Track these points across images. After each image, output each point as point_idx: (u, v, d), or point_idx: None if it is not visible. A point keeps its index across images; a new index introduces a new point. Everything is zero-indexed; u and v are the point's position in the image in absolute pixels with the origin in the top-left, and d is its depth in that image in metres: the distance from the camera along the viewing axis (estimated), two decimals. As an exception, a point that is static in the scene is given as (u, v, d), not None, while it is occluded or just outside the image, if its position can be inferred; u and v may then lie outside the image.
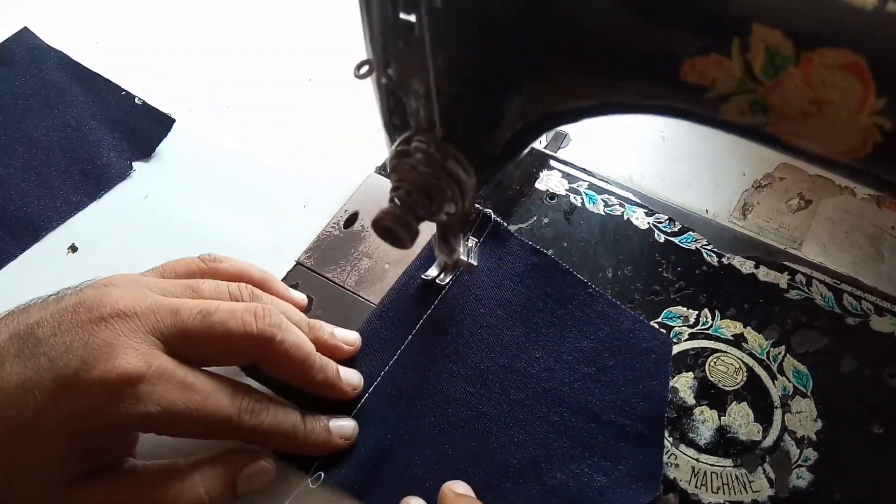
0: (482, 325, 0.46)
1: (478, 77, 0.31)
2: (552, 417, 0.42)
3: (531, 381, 0.44)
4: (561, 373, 0.44)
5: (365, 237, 0.52)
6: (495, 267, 0.48)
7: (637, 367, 0.44)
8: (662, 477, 0.40)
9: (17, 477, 0.34)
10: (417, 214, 0.34)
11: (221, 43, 0.66)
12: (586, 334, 0.45)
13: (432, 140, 0.33)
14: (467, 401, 0.43)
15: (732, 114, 0.27)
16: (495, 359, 0.45)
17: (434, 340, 0.46)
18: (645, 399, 0.43)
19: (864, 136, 0.24)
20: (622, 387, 0.43)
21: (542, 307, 0.47)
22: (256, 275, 0.44)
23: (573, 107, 0.32)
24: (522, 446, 0.41)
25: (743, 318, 0.46)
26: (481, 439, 0.42)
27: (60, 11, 0.68)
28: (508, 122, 0.33)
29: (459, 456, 0.41)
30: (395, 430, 0.42)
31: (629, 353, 0.44)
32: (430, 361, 0.45)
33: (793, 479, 0.40)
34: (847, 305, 0.46)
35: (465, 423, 0.42)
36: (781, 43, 0.24)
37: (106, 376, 0.33)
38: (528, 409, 0.43)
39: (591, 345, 0.45)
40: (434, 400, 0.43)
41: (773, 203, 0.52)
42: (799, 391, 0.43)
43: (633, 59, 0.28)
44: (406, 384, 0.44)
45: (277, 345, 0.38)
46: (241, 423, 0.37)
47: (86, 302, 0.36)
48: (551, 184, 0.54)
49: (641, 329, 0.45)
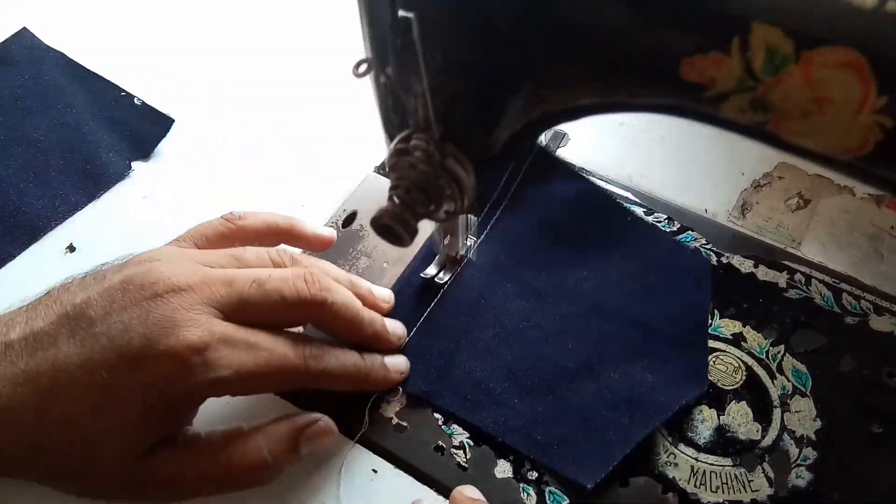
0: (533, 247, 0.49)
1: (476, 75, 0.31)
2: (603, 327, 0.45)
3: (581, 296, 0.47)
4: (609, 289, 0.47)
5: (363, 236, 0.52)
6: (544, 193, 0.51)
7: (680, 283, 0.47)
8: (708, 382, 0.43)
9: (92, 454, 0.35)
10: (416, 213, 0.34)
11: (220, 43, 0.66)
12: (631, 255, 0.48)
13: (431, 138, 0.33)
14: (523, 314, 0.46)
15: (732, 112, 0.27)
16: (546, 278, 0.48)
17: (487, 265, 0.49)
18: (689, 310, 0.46)
19: (865, 134, 0.24)
20: (666, 300, 0.46)
21: (588, 231, 0.50)
22: (283, 223, 0.46)
23: (572, 105, 0.32)
24: (576, 352, 0.44)
25: (742, 318, 0.46)
26: (537, 347, 0.45)
27: (60, 12, 0.68)
28: (507, 120, 0.33)
29: (518, 361, 0.44)
30: (456, 341, 0.45)
31: (671, 271, 0.47)
32: (485, 282, 0.48)
33: (792, 479, 0.40)
34: (846, 305, 0.47)
35: (521, 333, 0.46)
36: (781, 41, 0.24)
37: (173, 349, 0.34)
38: (579, 320, 0.46)
39: (635, 265, 0.48)
40: (491, 314, 0.46)
41: (773, 202, 0.52)
42: (798, 390, 0.43)
43: (632, 58, 0.28)
44: (463, 301, 0.47)
45: (329, 307, 0.39)
46: (307, 370, 0.38)
47: (134, 279, 0.36)
48: (550, 183, 0.54)
49: (681, 251, 0.49)
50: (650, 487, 0.40)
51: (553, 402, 0.43)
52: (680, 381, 0.43)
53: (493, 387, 0.43)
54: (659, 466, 0.41)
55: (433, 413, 0.43)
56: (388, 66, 0.32)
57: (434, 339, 0.46)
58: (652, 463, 0.41)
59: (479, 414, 0.43)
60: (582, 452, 0.41)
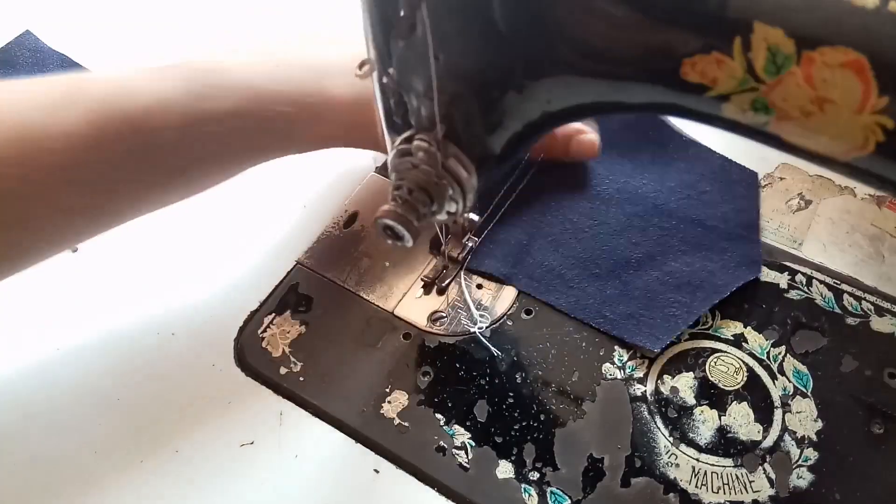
0: (594, 160, 0.53)
1: (478, 76, 0.32)
2: (663, 224, 0.50)
3: (641, 198, 0.52)
4: (668, 194, 0.52)
5: (365, 237, 0.52)
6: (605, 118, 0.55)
7: (731, 190, 0.52)
8: (762, 266, 0.48)
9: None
10: (419, 213, 0.34)
11: (223, 43, 0.66)
12: (686, 169, 0.53)
13: (433, 139, 0.33)
14: (589, 213, 0.51)
15: (733, 113, 0.27)
16: (609, 184, 0.53)
17: (551, 171, 0.53)
18: (741, 212, 0.51)
19: (866, 134, 0.24)
20: (720, 203, 0.51)
21: (645, 147, 0.55)
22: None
23: (574, 106, 0.32)
24: (640, 245, 0.49)
25: (743, 319, 0.46)
26: (604, 240, 0.50)
27: (62, 14, 0.68)
28: (509, 121, 0.33)
29: (587, 252, 0.49)
30: (530, 232, 0.51)
31: (723, 181, 0.52)
32: (551, 187, 0.52)
33: (793, 479, 0.40)
34: (847, 305, 0.47)
35: (588, 228, 0.50)
36: (783, 41, 0.24)
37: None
38: (641, 218, 0.51)
39: (690, 177, 0.53)
40: (560, 212, 0.51)
41: (774, 203, 0.52)
42: (799, 391, 0.43)
43: (634, 58, 0.28)
44: (535, 201, 0.52)
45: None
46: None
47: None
48: (552, 184, 0.54)
49: (731, 165, 0.53)
50: (651, 488, 0.40)
51: (620, 286, 0.47)
52: (736, 267, 0.48)
53: (564, 273, 0.48)
54: (660, 467, 0.41)
55: (435, 413, 0.43)
56: (390, 67, 0.32)
57: (510, 231, 0.50)
58: (653, 464, 0.41)
59: (553, 294, 0.47)
60: (648, 325, 0.46)
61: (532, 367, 0.45)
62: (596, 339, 0.46)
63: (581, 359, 0.45)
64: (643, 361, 0.45)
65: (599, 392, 0.44)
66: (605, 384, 0.44)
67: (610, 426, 0.43)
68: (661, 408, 0.43)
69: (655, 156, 0.54)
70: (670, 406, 0.43)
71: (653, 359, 0.45)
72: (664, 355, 0.45)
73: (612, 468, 0.41)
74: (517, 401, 0.44)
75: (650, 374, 0.45)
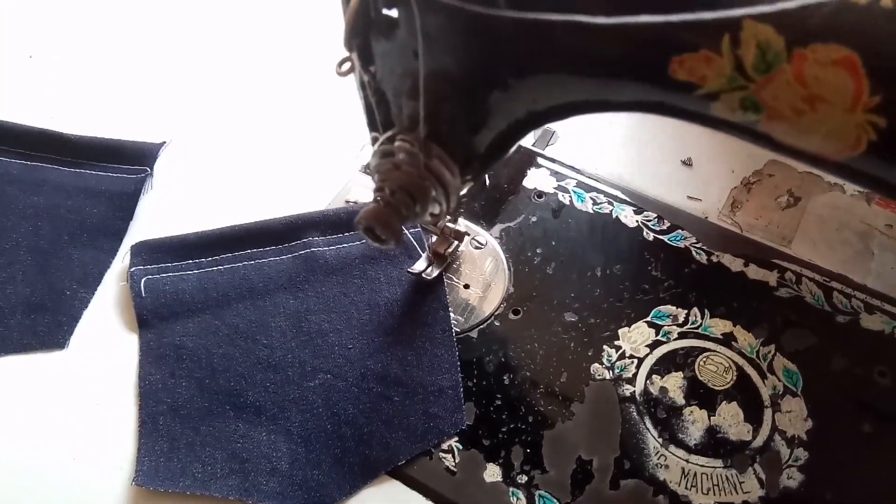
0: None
1: (463, 75, 0.31)
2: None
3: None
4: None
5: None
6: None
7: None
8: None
9: None
10: (401, 214, 0.33)
11: (213, 46, 0.66)
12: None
13: (416, 139, 0.32)
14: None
15: (723, 111, 0.26)
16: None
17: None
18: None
19: (858, 133, 0.24)
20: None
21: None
22: None
23: (560, 104, 0.31)
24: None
25: (732, 317, 0.46)
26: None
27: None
28: (494, 120, 0.33)
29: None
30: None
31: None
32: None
33: (783, 480, 0.40)
34: (837, 303, 0.46)
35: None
36: (773, 38, 0.23)
37: None
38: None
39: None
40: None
41: (763, 200, 0.52)
42: (789, 390, 0.43)
43: (620, 56, 0.27)
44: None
45: None
46: None
47: None
48: (539, 182, 0.54)
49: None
50: (641, 490, 0.40)
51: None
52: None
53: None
54: (649, 469, 0.41)
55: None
56: (371, 65, 0.31)
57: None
58: (642, 465, 0.41)
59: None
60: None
61: (520, 368, 0.45)
62: (585, 339, 0.46)
63: (570, 359, 0.45)
64: (632, 361, 0.45)
65: (588, 393, 0.44)
66: (593, 385, 0.44)
67: (599, 427, 0.42)
68: (650, 408, 0.43)
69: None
70: (659, 406, 0.43)
71: (641, 359, 0.45)
72: (653, 355, 0.45)
73: (601, 470, 0.41)
74: (505, 402, 0.43)
75: (639, 374, 0.44)
